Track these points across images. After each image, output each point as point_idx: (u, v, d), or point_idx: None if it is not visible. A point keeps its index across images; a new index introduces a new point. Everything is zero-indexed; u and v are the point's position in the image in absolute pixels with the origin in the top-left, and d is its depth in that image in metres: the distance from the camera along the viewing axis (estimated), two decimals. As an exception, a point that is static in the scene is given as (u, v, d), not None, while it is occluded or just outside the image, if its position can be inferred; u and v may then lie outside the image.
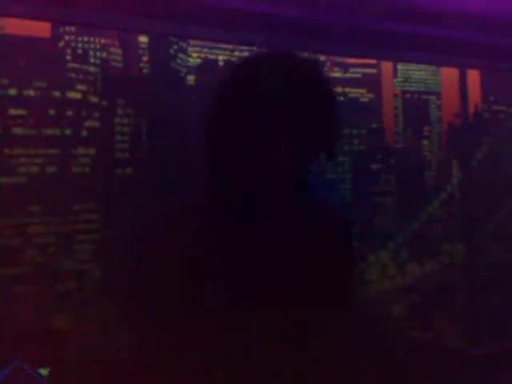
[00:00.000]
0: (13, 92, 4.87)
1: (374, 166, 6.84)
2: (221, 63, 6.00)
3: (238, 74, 1.18)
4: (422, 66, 7.25)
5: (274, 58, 1.20)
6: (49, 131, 5.08)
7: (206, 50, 5.97)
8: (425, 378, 4.57)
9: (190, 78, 5.82)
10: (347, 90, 6.83)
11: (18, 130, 4.97)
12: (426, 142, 7.29)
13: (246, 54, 6.24)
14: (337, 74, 6.76)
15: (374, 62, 7.10)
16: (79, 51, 5.16)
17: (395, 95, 7.35)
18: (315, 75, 1.17)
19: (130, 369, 1.22)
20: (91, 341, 4.53)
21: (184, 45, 5.82)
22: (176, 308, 1.11)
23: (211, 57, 6.00)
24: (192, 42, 5.91)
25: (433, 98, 7.42)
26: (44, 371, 3.37)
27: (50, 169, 5.12)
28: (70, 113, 5.13)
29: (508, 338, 5.40)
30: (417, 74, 7.36)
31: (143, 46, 5.47)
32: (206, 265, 1.13)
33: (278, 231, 1.18)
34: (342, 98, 6.82)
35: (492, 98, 7.39)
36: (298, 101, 1.11)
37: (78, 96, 5.16)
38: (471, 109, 7.18)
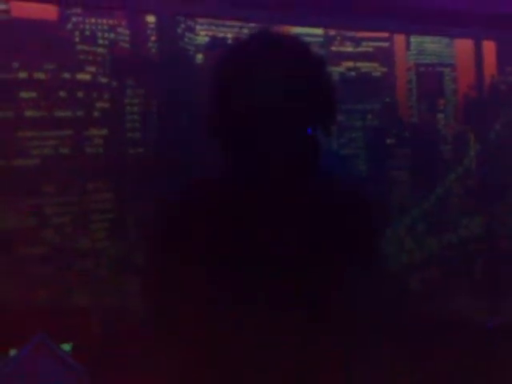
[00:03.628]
0: (23, 75, 4.92)
1: (389, 141, 6.77)
2: (229, 41, 5.97)
3: (235, 52, 1.24)
4: (435, 38, 7.08)
5: (264, 36, 1.27)
6: (61, 113, 5.14)
7: (213, 27, 5.93)
8: (446, 350, 4.57)
9: (199, 57, 5.80)
10: (359, 64, 6.72)
11: (30, 113, 5.04)
12: (441, 115, 7.16)
13: (255, 30, 6.18)
14: (348, 48, 6.67)
15: (386, 35, 6.98)
16: (87, 33, 5.18)
17: (409, 68, 7.20)
18: (306, 49, 1.24)
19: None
20: (110, 315, 4.63)
21: (192, 23, 5.80)
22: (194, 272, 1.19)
23: (219, 35, 5.96)
24: (199, 20, 5.89)
25: (447, 70, 7.26)
26: (67, 346, 3.50)
27: (64, 150, 5.20)
28: (80, 94, 5.18)
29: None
30: (431, 46, 7.20)
31: (151, 25, 5.46)
32: (219, 234, 1.20)
33: (288, 201, 1.23)
34: (353, 73, 6.73)
35: (509, 69, 7.23)
36: (292, 73, 1.17)
37: (88, 77, 5.20)
38: (487, 80, 7.04)
